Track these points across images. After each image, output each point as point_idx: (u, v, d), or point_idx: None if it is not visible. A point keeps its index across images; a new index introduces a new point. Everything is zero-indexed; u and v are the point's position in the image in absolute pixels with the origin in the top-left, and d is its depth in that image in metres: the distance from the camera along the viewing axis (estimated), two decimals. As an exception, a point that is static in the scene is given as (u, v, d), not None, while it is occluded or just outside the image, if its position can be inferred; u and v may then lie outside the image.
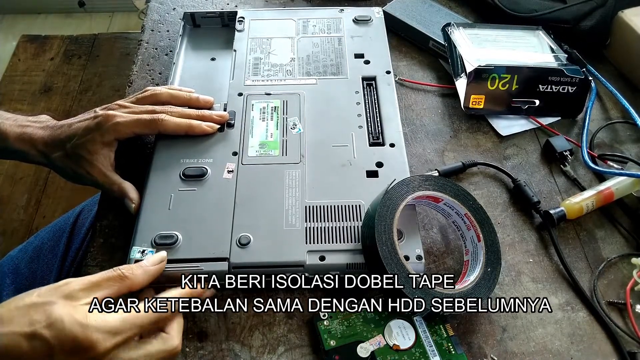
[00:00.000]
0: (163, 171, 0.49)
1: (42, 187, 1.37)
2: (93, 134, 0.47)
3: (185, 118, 0.50)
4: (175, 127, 0.49)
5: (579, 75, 0.57)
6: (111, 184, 0.48)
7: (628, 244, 0.49)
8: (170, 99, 0.52)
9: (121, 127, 0.47)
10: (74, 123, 0.49)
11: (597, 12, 0.63)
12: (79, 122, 0.49)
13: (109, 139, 0.48)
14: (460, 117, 0.59)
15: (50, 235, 0.60)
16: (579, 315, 0.44)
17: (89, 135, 0.47)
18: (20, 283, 0.55)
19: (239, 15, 0.64)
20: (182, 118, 0.50)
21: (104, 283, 0.36)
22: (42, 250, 0.58)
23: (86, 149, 0.47)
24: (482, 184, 0.53)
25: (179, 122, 0.49)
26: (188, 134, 0.50)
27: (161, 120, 0.48)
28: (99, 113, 0.49)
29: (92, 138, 0.47)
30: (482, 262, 0.43)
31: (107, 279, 0.36)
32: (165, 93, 0.52)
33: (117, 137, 0.48)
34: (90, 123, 0.48)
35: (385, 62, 0.59)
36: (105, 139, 0.47)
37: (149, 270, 0.39)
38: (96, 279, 0.36)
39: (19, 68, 1.66)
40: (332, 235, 0.44)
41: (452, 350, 0.40)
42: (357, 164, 0.49)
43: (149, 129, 0.49)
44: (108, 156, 0.48)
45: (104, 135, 0.47)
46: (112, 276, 0.37)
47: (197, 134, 0.50)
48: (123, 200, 0.47)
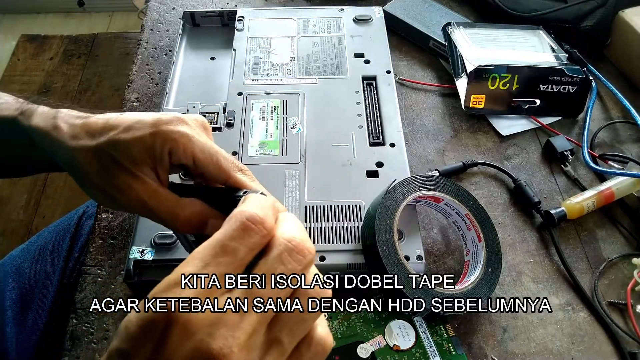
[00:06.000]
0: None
1: (41, 187, 1.36)
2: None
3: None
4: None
5: (580, 75, 0.57)
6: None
7: (629, 244, 0.49)
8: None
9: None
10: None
11: (598, 12, 0.63)
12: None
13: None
14: (460, 117, 0.59)
15: (53, 235, 0.59)
16: (579, 315, 0.44)
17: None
18: (23, 283, 0.55)
19: (238, 15, 0.64)
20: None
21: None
22: (45, 250, 0.58)
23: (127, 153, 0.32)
24: (483, 184, 0.53)
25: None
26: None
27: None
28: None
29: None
30: (482, 262, 0.43)
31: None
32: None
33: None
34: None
35: (386, 61, 0.59)
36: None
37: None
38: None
39: (19, 68, 1.66)
40: (332, 236, 0.44)
41: (452, 350, 0.40)
42: (357, 164, 0.49)
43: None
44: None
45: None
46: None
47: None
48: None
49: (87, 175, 0.33)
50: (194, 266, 0.22)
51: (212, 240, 0.22)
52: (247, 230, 0.22)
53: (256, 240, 0.23)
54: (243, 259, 0.22)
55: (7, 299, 0.53)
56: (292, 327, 0.23)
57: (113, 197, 0.32)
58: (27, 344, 0.51)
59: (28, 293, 0.54)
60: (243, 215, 0.23)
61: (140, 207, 0.32)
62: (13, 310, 0.52)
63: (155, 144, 0.31)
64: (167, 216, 0.32)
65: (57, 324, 0.51)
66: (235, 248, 0.22)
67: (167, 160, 0.32)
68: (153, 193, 0.32)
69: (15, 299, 0.53)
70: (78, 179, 0.34)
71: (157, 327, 0.20)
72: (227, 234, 0.22)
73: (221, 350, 0.20)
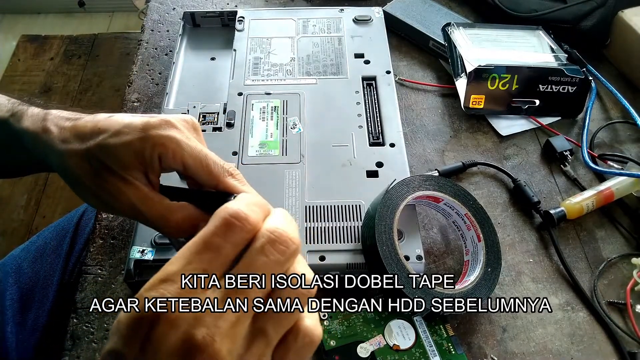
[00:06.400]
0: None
1: (42, 187, 1.37)
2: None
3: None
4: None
5: (579, 75, 0.57)
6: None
7: (628, 244, 0.49)
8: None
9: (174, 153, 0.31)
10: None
11: (597, 12, 0.63)
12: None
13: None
14: (460, 117, 0.59)
15: (53, 235, 0.59)
16: (579, 315, 0.44)
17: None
18: (23, 282, 0.55)
19: (238, 15, 0.64)
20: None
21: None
22: (45, 250, 0.58)
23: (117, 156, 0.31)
24: (482, 184, 0.53)
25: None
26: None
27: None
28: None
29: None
30: (482, 262, 0.43)
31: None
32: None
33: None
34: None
35: (385, 62, 0.59)
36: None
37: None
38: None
39: (19, 68, 1.66)
40: (332, 235, 0.44)
41: (452, 350, 0.40)
42: (357, 164, 0.49)
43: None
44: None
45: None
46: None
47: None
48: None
49: (78, 179, 0.32)
50: (177, 264, 0.22)
51: (196, 237, 0.23)
52: (230, 227, 0.22)
53: (240, 236, 0.23)
54: (227, 255, 0.22)
55: (8, 299, 0.53)
56: (277, 318, 0.23)
57: (105, 201, 0.32)
58: (28, 344, 0.51)
59: (28, 293, 0.54)
60: (226, 211, 0.23)
61: (132, 212, 0.32)
62: (13, 310, 0.52)
63: (145, 149, 0.31)
64: (158, 221, 0.32)
65: (57, 324, 0.51)
66: (218, 245, 0.22)
67: (158, 165, 0.32)
68: (144, 198, 0.31)
69: (16, 299, 0.53)
70: (69, 182, 0.33)
71: (144, 324, 0.21)
72: (210, 231, 0.22)
73: (204, 339, 0.20)
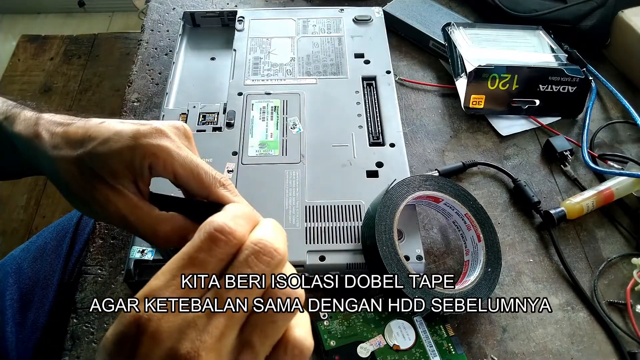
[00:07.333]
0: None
1: (42, 187, 1.37)
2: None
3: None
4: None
5: (579, 75, 0.57)
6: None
7: (628, 244, 0.49)
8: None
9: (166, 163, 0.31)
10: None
11: (597, 12, 0.63)
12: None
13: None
14: (460, 117, 0.59)
15: (53, 235, 0.59)
16: (579, 315, 0.44)
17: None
18: (23, 283, 0.55)
19: (238, 15, 0.64)
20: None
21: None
22: (45, 250, 0.58)
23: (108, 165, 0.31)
24: (482, 184, 0.53)
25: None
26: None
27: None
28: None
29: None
30: (482, 262, 0.43)
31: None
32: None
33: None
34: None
35: (385, 62, 0.59)
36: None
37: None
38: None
39: (19, 68, 1.66)
40: (332, 235, 0.44)
41: (452, 350, 0.40)
42: (357, 164, 0.49)
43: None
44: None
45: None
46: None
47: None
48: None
49: (68, 186, 0.32)
50: (162, 280, 0.22)
51: (181, 252, 0.22)
52: (215, 241, 0.22)
53: (225, 251, 0.22)
54: (212, 269, 0.22)
55: (7, 299, 0.53)
56: (263, 329, 0.22)
57: (94, 209, 0.32)
58: (28, 344, 0.51)
59: (28, 293, 0.54)
60: (211, 225, 0.22)
61: (120, 222, 0.31)
62: (13, 310, 0.52)
63: (135, 158, 0.30)
64: (146, 232, 0.31)
65: (57, 324, 0.51)
66: (203, 260, 0.22)
67: (148, 174, 0.31)
68: (133, 208, 0.31)
69: (16, 299, 0.53)
70: (60, 189, 0.33)
71: (129, 340, 0.20)
72: (195, 246, 0.22)
73: (189, 354, 0.20)
